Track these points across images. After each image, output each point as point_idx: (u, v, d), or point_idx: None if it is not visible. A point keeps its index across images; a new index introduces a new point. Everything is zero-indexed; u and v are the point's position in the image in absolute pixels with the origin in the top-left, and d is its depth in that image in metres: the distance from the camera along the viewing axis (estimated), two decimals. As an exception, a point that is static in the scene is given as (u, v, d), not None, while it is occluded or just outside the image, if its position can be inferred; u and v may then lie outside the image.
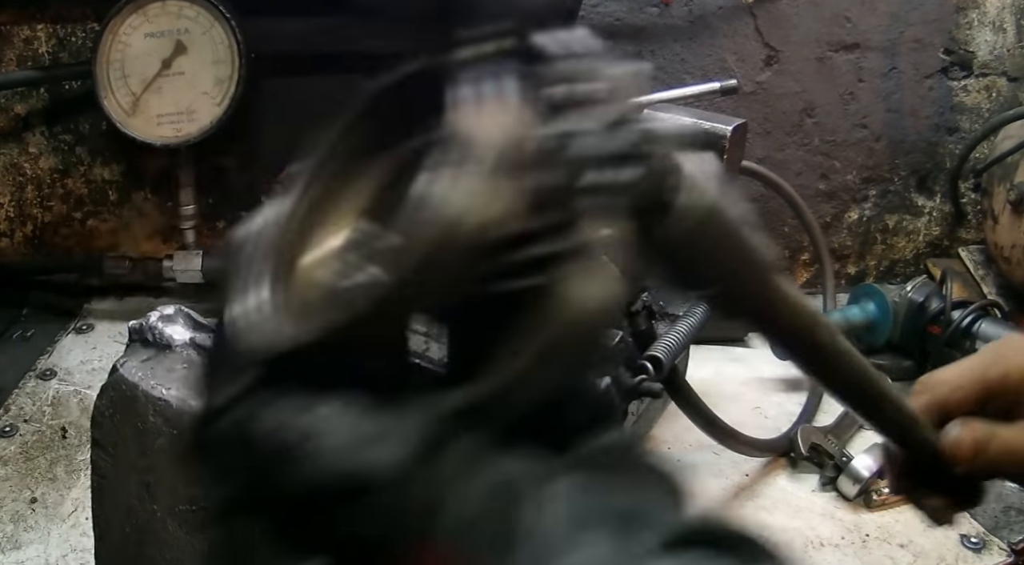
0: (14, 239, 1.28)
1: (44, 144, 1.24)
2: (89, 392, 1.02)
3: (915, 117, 1.31)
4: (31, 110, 1.22)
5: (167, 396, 0.45)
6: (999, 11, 1.28)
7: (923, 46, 1.28)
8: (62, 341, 1.14)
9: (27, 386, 1.03)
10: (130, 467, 0.46)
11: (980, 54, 1.29)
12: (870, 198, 1.35)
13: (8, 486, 0.86)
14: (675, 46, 1.26)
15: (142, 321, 0.50)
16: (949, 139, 1.32)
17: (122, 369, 0.47)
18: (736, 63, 1.26)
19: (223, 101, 1.12)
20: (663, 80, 1.25)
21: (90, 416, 0.48)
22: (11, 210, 1.27)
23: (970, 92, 1.31)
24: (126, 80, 1.10)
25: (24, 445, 0.92)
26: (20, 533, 0.80)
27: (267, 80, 1.22)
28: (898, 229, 1.37)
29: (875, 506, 0.86)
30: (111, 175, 1.27)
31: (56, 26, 1.19)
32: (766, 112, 1.29)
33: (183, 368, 0.47)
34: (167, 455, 0.44)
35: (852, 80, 1.29)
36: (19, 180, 1.25)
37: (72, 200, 1.27)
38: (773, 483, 0.91)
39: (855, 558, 0.80)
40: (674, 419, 0.93)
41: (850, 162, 1.32)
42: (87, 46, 1.18)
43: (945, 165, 1.33)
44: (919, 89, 1.30)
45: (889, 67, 1.28)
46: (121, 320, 1.20)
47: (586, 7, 1.18)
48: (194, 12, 1.09)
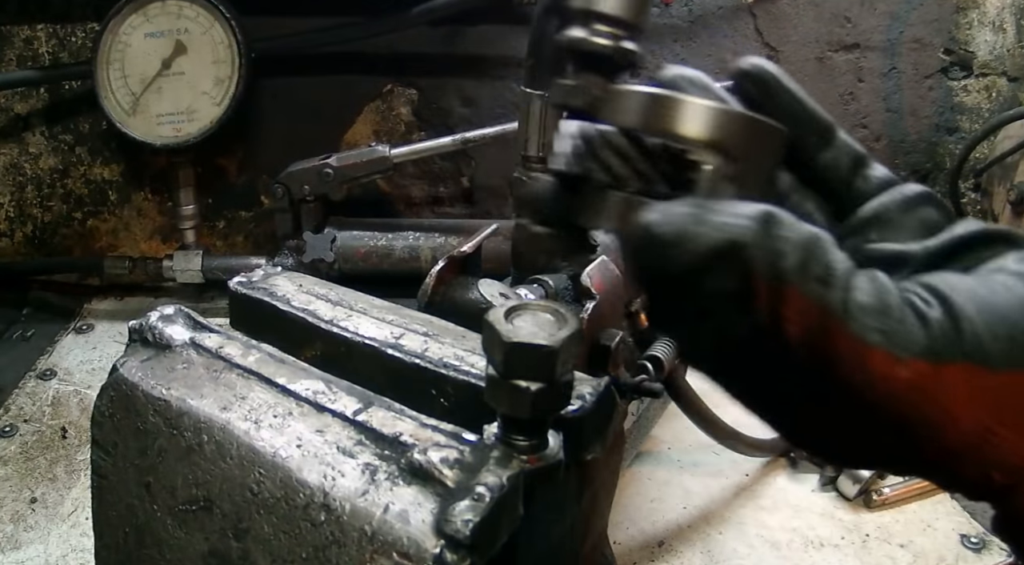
0: (14, 239, 1.28)
1: (44, 144, 1.24)
2: (89, 392, 1.02)
3: (915, 117, 1.31)
4: (31, 110, 1.22)
5: (167, 396, 0.45)
6: (999, 11, 1.28)
7: (923, 46, 1.28)
8: (62, 341, 1.14)
9: (27, 386, 1.03)
10: (130, 467, 0.46)
11: (980, 54, 1.29)
12: (870, 198, 1.35)
13: (8, 486, 0.86)
14: (675, 46, 1.26)
15: (142, 321, 0.50)
16: (949, 139, 1.32)
17: (122, 369, 0.47)
18: (736, 63, 1.26)
19: (223, 101, 1.12)
20: (663, 80, 1.26)
21: (90, 416, 0.48)
22: (11, 210, 1.27)
23: (970, 92, 1.31)
24: (126, 80, 1.10)
25: (24, 445, 0.92)
26: (20, 533, 0.80)
27: (267, 80, 1.22)
28: (898, 229, 1.37)
29: (875, 506, 0.86)
30: (111, 175, 1.27)
31: (56, 26, 1.19)
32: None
33: (183, 368, 0.47)
34: (168, 455, 0.44)
35: (852, 80, 1.29)
36: (19, 180, 1.25)
37: (72, 200, 1.28)
38: (773, 483, 0.91)
39: (855, 558, 0.80)
40: (674, 419, 0.93)
41: (850, 162, 1.32)
42: (87, 46, 1.18)
43: (945, 165, 1.33)
44: (919, 89, 1.30)
45: (889, 67, 1.29)
46: (121, 320, 1.20)
47: (586, 7, 1.18)
48: (194, 12, 1.09)
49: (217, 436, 0.42)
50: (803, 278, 0.27)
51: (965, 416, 0.27)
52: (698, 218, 0.27)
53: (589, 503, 0.48)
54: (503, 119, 1.16)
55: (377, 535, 0.36)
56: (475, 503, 0.36)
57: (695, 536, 0.83)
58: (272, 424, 0.42)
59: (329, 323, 0.50)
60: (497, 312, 0.37)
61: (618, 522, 0.83)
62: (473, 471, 0.37)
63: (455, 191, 1.31)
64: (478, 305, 0.67)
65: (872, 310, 0.27)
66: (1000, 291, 0.28)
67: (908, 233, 0.34)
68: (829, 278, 0.27)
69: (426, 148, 1.13)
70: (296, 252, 1.17)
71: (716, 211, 0.27)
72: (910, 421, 0.28)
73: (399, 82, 1.26)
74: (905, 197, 0.34)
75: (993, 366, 0.27)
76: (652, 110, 0.31)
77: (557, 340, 0.36)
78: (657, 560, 0.80)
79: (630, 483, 0.89)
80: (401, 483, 0.38)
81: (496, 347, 0.36)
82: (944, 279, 0.29)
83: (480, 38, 1.23)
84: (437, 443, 0.39)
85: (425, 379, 0.46)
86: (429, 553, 0.35)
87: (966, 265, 0.32)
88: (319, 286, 0.56)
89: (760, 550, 0.81)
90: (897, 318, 0.27)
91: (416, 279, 0.69)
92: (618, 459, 0.54)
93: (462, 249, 0.70)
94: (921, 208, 0.34)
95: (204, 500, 0.42)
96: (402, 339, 0.49)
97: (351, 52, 1.23)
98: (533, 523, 0.40)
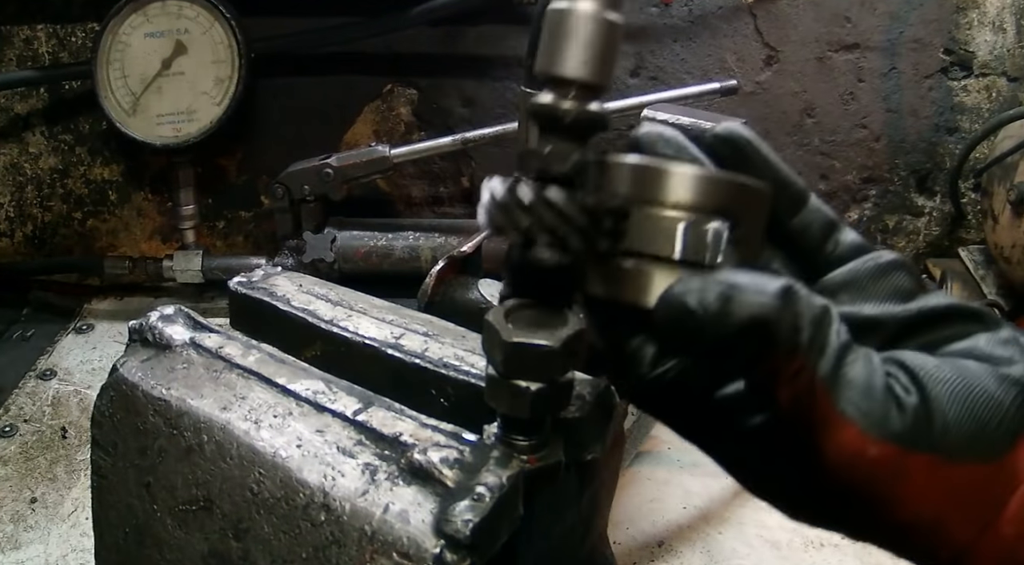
0: (14, 239, 1.28)
1: (44, 144, 1.24)
2: (89, 392, 1.02)
3: (915, 117, 1.31)
4: (31, 110, 1.22)
5: (167, 396, 0.45)
6: (999, 11, 1.27)
7: (923, 46, 1.28)
8: (62, 341, 1.14)
9: (27, 386, 1.03)
10: (130, 467, 0.46)
11: (980, 54, 1.29)
12: (870, 198, 1.35)
13: (8, 486, 0.86)
14: (675, 46, 1.26)
15: (142, 321, 0.50)
16: (949, 139, 1.32)
17: (122, 369, 0.47)
18: (736, 63, 1.26)
19: (223, 101, 1.12)
20: (663, 80, 1.26)
21: (90, 416, 0.48)
22: (11, 210, 1.27)
23: (970, 92, 1.31)
24: (126, 80, 1.10)
25: (24, 445, 0.92)
26: (20, 533, 0.80)
27: (267, 80, 1.22)
28: (898, 229, 1.37)
29: (875, 506, 0.86)
30: (111, 175, 1.27)
31: (56, 26, 1.19)
32: (766, 112, 1.29)
33: (183, 368, 0.47)
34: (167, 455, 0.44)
35: (852, 80, 1.29)
36: (19, 180, 1.25)
37: (72, 200, 1.27)
38: (773, 483, 0.91)
39: (855, 558, 0.80)
40: (674, 419, 0.93)
41: (850, 162, 1.32)
42: (87, 46, 1.18)
43: (945, 165, 1.33)
44: (919, 89, 1.30)
45: (889, 67, 1.28)
46: (121, 320, 1.20)
47: (586, 7, 1.17)
48: (194, 12, 1.09)
49: (217, 436, 0.42)
50: (811, 350, 0.29)
51: (919, 500, 0.30)
52: (727, 295, 0.29)
53: (589, 503, 0.48)
54: (503, 119, 1.16)
55: (377, 535, 0.36)
56: (475, 503, 0.36)
57: (695, 536, 0.83)
58: (272, 424, 0.42)
59: (329, 323, 0.50)
60: (497, 311, 0.37)
61: (618, 522, 0.83)
62: (473, 471, 0.37)
63: (455, 191, 1.31)
64: (478, 305, 0.67)
65: (859, 387, 0.30)
66: (972, 383, 0.30)
67: (879, 300, 0.35)
68: (829, 349, 0.30)
69: (426, 148, 1.13)
70: (296, 252, 1.17)
71: (743, 289, 0.29)
72: (866, 495, 0.30)
73: (399, 82, 1.26)
74: (877, 264, 0.35)
75: (954, 458, 0.30)
76: (650, 181, 0.32)
77: (558, 340, 0.36)
78: (657, 560, 0.80)
79: (630, 483, 0.89)
80: (401, 483, 0.38)
81: (496, 347, 0.36)
82: (923, 365, 0.31)
83: (480, 38, 1.23)
84: (437, 443, 0.39)
85: (425, 379, 0.46)
86: (429, 553, 0.35)
87: (936, 339, 0.34)
88: (319, 286, 0.56)
89: (760, 550, 0.81)
90: (879, 400, 0.30)
91: (416, 279, 0.69)
92: (618, 459, 0.54)
93: (462, 249, 0.70)
94: (893, 275, 0.35)
95: (204, 500, 0.42)
96: (402, 339, 0.49)
97: (351, 52, 1.23)
98: (533, 523, 0.40)
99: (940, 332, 0.34)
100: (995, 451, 0.30)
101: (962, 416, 0.30)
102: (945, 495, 0.30)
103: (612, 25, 0.34)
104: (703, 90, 1.04)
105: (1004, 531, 0.30)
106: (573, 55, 0.33)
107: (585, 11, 0.33)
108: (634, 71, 1.27)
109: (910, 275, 0.35)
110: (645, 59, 1.26)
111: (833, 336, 0.30)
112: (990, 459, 0.30)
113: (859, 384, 0.30)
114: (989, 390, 0.30)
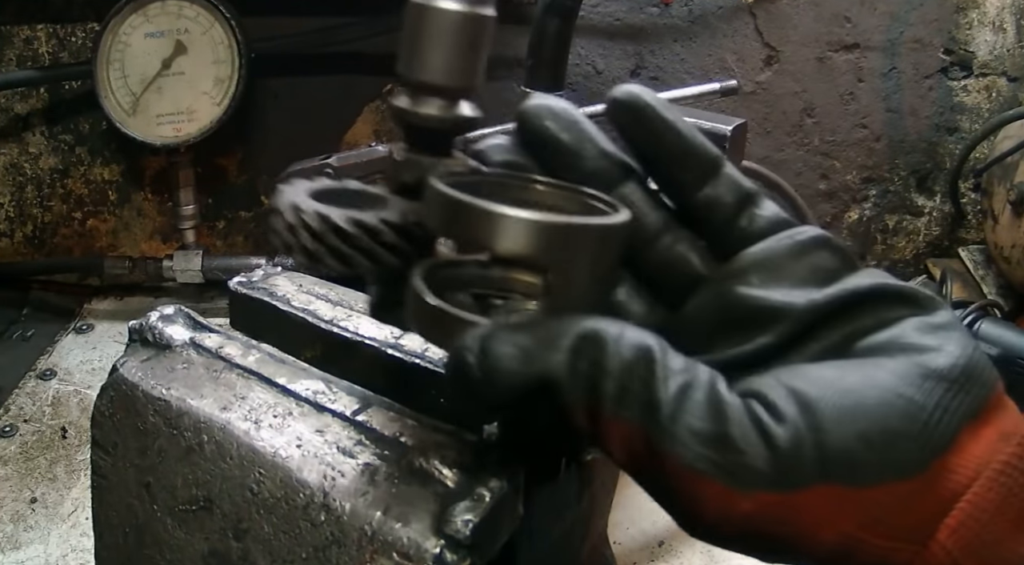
0: (14, 239, 1.28)
1: (44, 144, 1.24)
2: (89, 392, 1.02)
3: (915, 117, 1.31)
4: (31, 110, 1.22)
5: (167, 396, 0.45)
6: (999, 11, 1.28)
7: (923, 46, 1.28)
8: (62, 341, 1.14)
9: (27, 386, 1.03)
10: (130, 467, 0.46)
11: (980, 54, 1.29)
12: (870, 198, 1.35)
13: (8, 486, 0.86)
14: (675, 46, 1.26)
15: (142, 321, 0.50)
16: (949, 139, 1.32)
17: (122, 369, 0.47)
18: (736, 63, 1.26)
19: (223, 101, 1.12)
20: (663, 80, 1.26)
21: (90, 416, 0.48)
22: (11, 210, 1.27)
23: (970, 92, 1.31)
24: (126, 80, 1.10)
25: (24, 445, 0.92)
26: (20, 533, 0.80)
27: (267, 80, 1.22)
28: (898, 229, 1.37)
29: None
30: (111, 175, 1.27)
31: (56, 26, 1.19)
32: (766, 112, 1.29)
33: (183, 368, 0.47)
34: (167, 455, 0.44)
35: (852, 80, 1.29)
36: (19, 180, 1.25)
37: (72, 200, 1.27)
38: (773, 483, 0.91)
39: (855, 558, 0.80)
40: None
41: (850, 162, 1.32)
42: (87, 46, 1.18)
43: (945, 165, 1.33)
44: (919, 89, 1.30)
45: (889, 67, 1.29)
46: (121, 320, 1.20)
47: (586, 7, 1.18)
48: (194, 12, 1.09)
49: (217, 436, 0.43)
50: (621, 406, 0.25)
51: (827, 532, 0.26)
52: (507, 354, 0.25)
53: (589, 503, 0.48)
54: (503, 119, 1.16)
55: (377, 535, 0.36)
56: (475, 503, 0.36)
57: (695, 536, 0.83)
58: (272, 424, 0.42)
59: (329, 323, 0.50)
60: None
61: (618, 522, 0.83)
62: (473, 471, 0.37)
63: (455, 191, 1.31)
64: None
65: (706, 438, 0.25)
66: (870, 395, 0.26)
67: (796, 281, 0.30)
68: (656, 401, 0.25)
69: (426, 148, 1.13)
70: (296, 252, 1.17)
71: (526, 344, 0.26)
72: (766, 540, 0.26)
73: (399, 82, 1.26)
74: (795, 242, 0.31)
75: (860, 483, 0.25)
76: (453, 217, 0.28)
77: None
78: (657, 560, 0.80)
79: (630, 483, 0.89)
80: (401, 483, 0.38)
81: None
82: (816, 381, 0.27)
83: (480, 38, 1.23)
84: (437, 443, 0.39)
85: (425, 379, 0.46)
86: (429, 553, 0.35)
87: (856, 329, 0.29)
88: (319, 286, 0.56)
89: (760, 550, 0.81)
90: (736, 448, 0.25)
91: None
92: (618, 459, 0.54)
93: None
94: (813, 254, 0.30)
95: (204, 500, 0.42)
96: (402, 339, 0.49)
97: (351, 52, 1.23)
98: (533, 523, 0.40)
99: (861, 320, 0.29)
100: (914, 465, 0.25)
101: (862, 434, 0.25)
102: (857, 521, 0.25)
103: (476, 20, 0.30)
104: (703, 90, 1.04)
105: (947, 544, 0.26)
106: (430, 57, 0.31)
107: (443, 7, 0.30)
108: (634, 71, 1.27)
109: (834, 254, 0.31)
110: (645, 59, 1.26)
111: (658, 384, 0.25)
112: (909, 474, 0.25)
113: (705, 432, 0.25)
114: (902, 396, 0.26)
